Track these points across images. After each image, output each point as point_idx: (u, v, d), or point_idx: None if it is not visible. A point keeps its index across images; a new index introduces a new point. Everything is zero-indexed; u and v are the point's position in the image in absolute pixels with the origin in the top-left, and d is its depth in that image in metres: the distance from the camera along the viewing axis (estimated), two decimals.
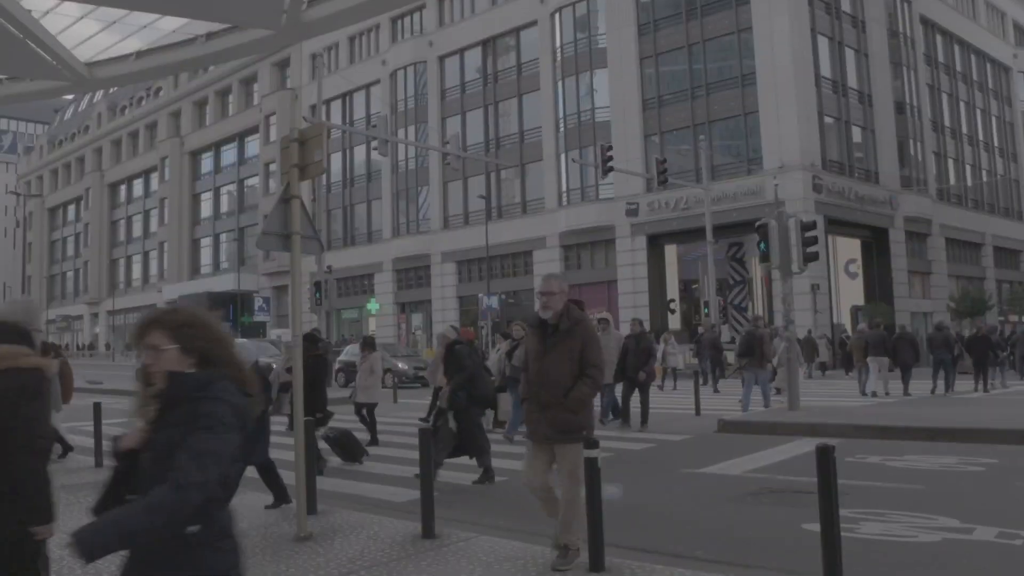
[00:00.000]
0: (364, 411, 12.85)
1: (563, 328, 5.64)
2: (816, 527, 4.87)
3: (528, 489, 5.93)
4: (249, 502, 8.07)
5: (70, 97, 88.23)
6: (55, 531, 3.44)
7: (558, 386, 5.57)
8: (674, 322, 38.39)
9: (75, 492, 8.08)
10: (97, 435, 10.96)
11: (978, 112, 50.99)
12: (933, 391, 19.78)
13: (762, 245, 16.12)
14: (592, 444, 5.67)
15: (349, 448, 10.67)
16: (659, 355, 23.26)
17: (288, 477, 7.39)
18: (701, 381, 24.86)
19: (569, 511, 5.59)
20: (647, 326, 15.14)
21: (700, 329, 29.12)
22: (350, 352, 27.19)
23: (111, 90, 74.80)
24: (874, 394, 19.66)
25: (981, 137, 50.81)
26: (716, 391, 21.91)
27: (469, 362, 9.19)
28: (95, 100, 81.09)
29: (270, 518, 7.43)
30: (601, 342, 14.80)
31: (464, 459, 10.49)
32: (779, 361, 18.40)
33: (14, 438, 3.33)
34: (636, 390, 14.06)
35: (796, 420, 13.42)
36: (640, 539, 6.56)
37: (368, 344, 13.51)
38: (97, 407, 11.54)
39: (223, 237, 64.77)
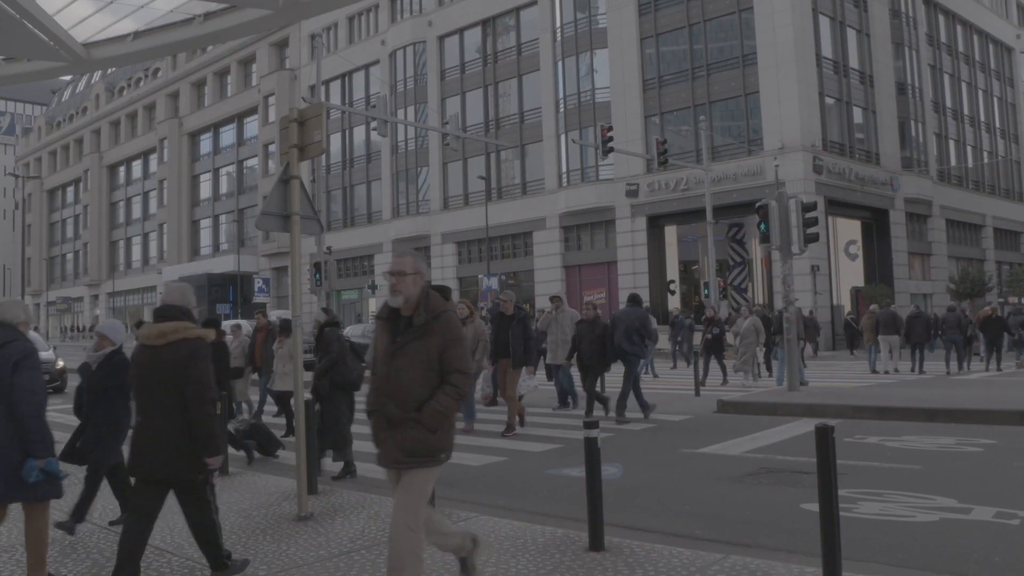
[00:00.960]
0: (282, 399, 12.12)
1: (418, 322, 4.33)
2: (814, 507, 4.89)
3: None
4: (251, 482, 8.11)
5: (67, 78, 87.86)
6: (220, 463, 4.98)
7: (409, 396, 4.27)
8: (673, 303, 38.45)
9: None
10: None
11: (980, 93, 50.78)
12: (948, 371, 20.29)
13: (762, 226, 16.11)
14: (592, 424, 5.67)
15: (261, 441, 9.74)
16: None
17: (290, 457, 7.39)
18: (671, 365, 25.11)
19: (402, 560, 4.20)
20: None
21: (686, 312, 29.21)
22: (350, 333, 27.23)
23: (108, 71, 74.63)
24: (886, 372, 20.29)
25: (983, 118, 50.64)
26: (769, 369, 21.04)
27: (336, 346, 8.71)
28: (93, 81, 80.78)
29: (272, 498, 7.46)
30: (555, 321, 14.05)
31: (465, 439, 10.55)
32: (741, 341, 18.64)
33: (190, 391, 4.73)
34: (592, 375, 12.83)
35: (795, 401, 13.46)
36: (639, 519, 6.59)
37: (286, 329, 12.36)
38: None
39: (223, 218, 64.73)
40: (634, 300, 13.18)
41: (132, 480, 5.14)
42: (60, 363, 20.82)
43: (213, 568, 5.09)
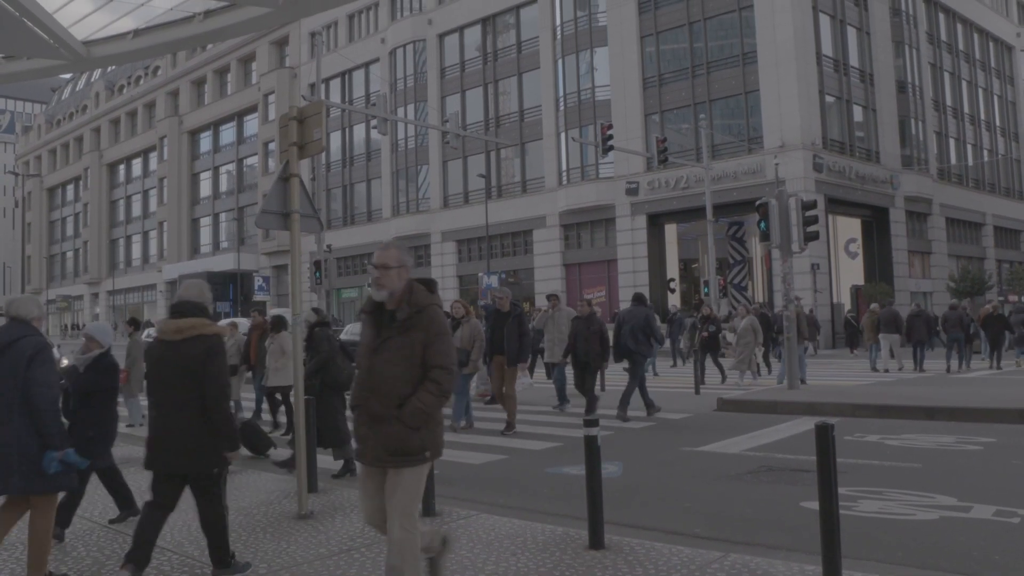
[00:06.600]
0: (278, 395, 12.07)
1: (401, 317, 4.18)
2: (814, 505, 4.88)
3: (371, 526, 4.51)
4: (251, 481, 8.11)
5: (67, 76, 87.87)
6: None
7: (392, 392, 4.14)
8: (673, 301, 38.44)
9: None
10: None
11: (980, 91, 50.75)
12: (948, 369, 20.31)
13: (762, 224, 16.11)
14: (592, 423, 5.67)
15: (251, 441, 9.38)
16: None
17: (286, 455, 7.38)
18: (671, 363, 25.02)
19: (402, 561, 4.07)
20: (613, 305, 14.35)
21: (686, 310, 29.11)
22: (350, 331, 27.22)
23: (108, 69, 74.60)
24: (886, 370, 20.20)
25: (983, 116, 50.60)
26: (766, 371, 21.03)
27: (326, 346, 8.58)
28: (92, 79, 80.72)
29: (272, 496, 7.45)
30: (551, 319, 13.90)
31: (465, 438, 10.56)
32: (738, 340, 17.86)
33: (210, 389, 4.81)
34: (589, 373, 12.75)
35: (795, 399, 13.45)
36: (639, 517, 6.59)
37: (278, 324, 12.29)
38: None
39: (222, 216, 64.73)
40: (639, 299, 13.19)
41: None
42: (64, 361, 20.91)
43: (216, 566, 5.08)
